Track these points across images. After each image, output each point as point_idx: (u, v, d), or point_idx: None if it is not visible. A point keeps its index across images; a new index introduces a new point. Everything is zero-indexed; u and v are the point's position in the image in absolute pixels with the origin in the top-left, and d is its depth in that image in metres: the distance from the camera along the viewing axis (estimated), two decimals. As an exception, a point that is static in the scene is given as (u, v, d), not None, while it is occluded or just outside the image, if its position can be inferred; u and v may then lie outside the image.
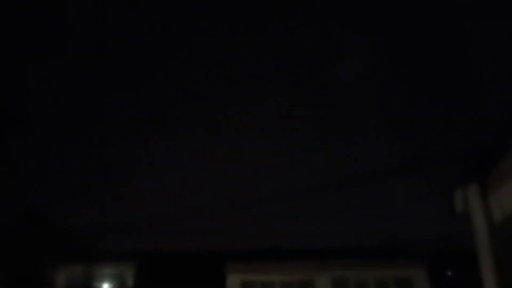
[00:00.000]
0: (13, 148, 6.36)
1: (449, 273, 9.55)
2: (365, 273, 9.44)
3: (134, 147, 6.74)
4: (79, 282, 8.42)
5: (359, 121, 6.58)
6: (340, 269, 9.46)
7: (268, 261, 9.50)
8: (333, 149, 6.88)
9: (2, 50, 5.74)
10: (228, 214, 6.88)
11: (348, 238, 7.47)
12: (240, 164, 6.98)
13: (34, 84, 6.05)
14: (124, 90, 6.09)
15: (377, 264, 9.41)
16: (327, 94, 6.32)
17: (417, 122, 6.45)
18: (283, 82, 6.27)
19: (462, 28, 5.75)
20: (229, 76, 6.09)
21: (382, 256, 9.04)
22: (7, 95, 6.13)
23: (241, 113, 6.42)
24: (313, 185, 6.85)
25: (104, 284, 9.45)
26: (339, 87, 6.23)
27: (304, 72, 6.12)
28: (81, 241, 7.21)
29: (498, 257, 4.91)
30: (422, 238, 7.17)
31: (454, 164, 5.56)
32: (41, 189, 6.69)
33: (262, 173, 7.09)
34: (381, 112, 6.44)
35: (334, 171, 7.08)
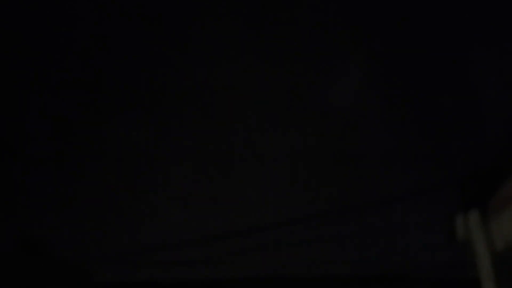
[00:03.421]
0: (9, 177, 6.34)
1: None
2: (367, 301, 9.31)
3: (133, 175, 6.71)
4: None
5: (357, 149, 6.55)
6: (342, 298, 9.34)
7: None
8: (333, 177, 6.84)
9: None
10: (228, 242, 6.81)
11: (349, 266, 7.38)
12: (239, 191, 6.94)
13: (31, 112, 6.06)
14: (124, 116, 6.09)
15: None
16: (325, 121, 6.32)
17: (417, 149, 6.43)
18: (281, 109, 6.27)
19: (461, 53, 5.77)
20: (228, 102, 6.13)
21: (384, 284, 8.92)
22: (4, 124, 6.14)
23: (240, 139, 6.40)
24: (314, 213, 6.79)
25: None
26: (336, 113, 6.22)
27: (300, 97, 6.12)
28: (79, 271, 7.13)
29: (501, 285, 4.84)
30: (424, 267, 7.08)
31: (454, 191, 5.53)
32: (38, 219, 6.65)
33: (261, 200, 7.04)
34: (380, 140, 6.42)
35: (334, 198, 7.02)
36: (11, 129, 6.28)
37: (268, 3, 5.74)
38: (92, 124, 6.43)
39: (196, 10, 5.69)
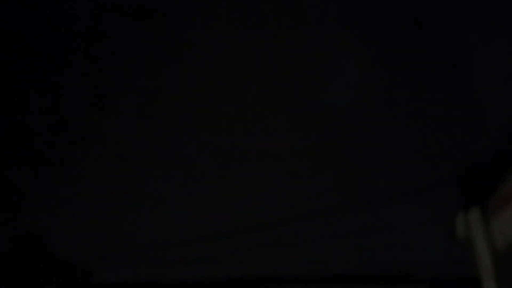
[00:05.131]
0: (9, 175, 6.33)
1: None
2: (367, 300, 9.32)
3: (133, 173, 6.72)
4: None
5: (357, 148, 6.57)
6: (341, 296, 9.34)
7: (267, 289, 9.38)
8: (333, 175, 6.85)
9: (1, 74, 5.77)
10: (228, 241, 6.82)
11: (349, 265, 7.39)
12: (239, 189, 6.95)
13: (31, 110, 6.06)
14: (124, 115, 6.09)
15: (378, 291, 9.28)
16: (326, 120, 6.33)
17: (417, 147, 6.45)
18: (282, 107, 6.29)
19: (461, 52, 5.78)
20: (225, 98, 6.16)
21: (383, 283, 8.92)
22: (5, 121, 6.13)
23: (240, 137, 6.41)
24: (313, 212, 6.80)
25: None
26: (337, 112, 6.24)
27: (300, 96, 6.13)
28: (79, 270, 7.12)
29: (502, 284, 4.85)
30: (424, 265, 7.09)
31: (455, 189, 5.54)
32: (37, 217, 6.63)
33: (262, 198, 7.05)
34: (380, 138, 6.43)
35: (334, 197, 7.03)
36: (11, 128, 6.27)
37: (268, 3, 5.74)
38: (91, 123, 6.42)
39: (196, 10, 5.69)
